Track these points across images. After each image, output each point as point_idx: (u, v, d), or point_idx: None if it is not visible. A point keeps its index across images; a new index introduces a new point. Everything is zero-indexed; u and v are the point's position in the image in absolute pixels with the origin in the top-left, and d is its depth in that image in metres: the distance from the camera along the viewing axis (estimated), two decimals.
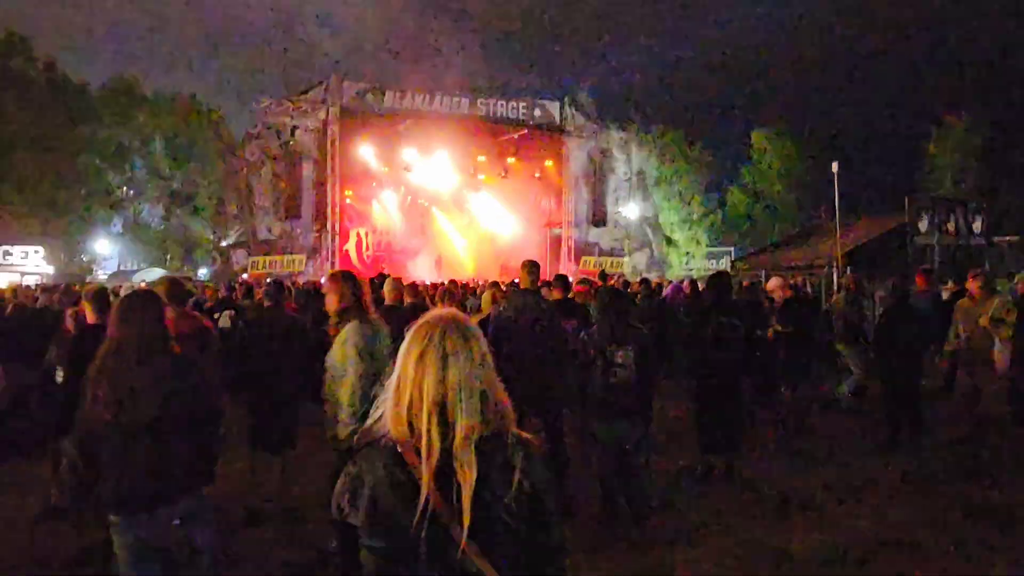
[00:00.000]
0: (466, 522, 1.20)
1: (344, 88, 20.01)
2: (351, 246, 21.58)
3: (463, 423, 1.24)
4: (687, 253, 28.45)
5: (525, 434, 1.37)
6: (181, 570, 2.66)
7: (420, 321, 1.35)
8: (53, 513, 4.48)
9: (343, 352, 3.30)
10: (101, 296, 4.05)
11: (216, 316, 8.26)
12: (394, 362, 1.35)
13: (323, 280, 8.01)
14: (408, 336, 1.34)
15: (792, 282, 8.34)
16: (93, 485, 2.63)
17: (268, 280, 10.52)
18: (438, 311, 1.41)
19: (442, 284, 11.44)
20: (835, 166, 18.05)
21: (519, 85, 24.05)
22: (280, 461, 4.78)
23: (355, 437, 1.45)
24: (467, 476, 1.22)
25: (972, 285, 6.21)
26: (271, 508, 4.68)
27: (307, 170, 20.06)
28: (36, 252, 20.62)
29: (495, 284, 9.18)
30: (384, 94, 20.42)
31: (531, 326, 4.83)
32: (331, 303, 3.93)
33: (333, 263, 19.43)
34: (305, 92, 20.08)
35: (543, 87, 22.99)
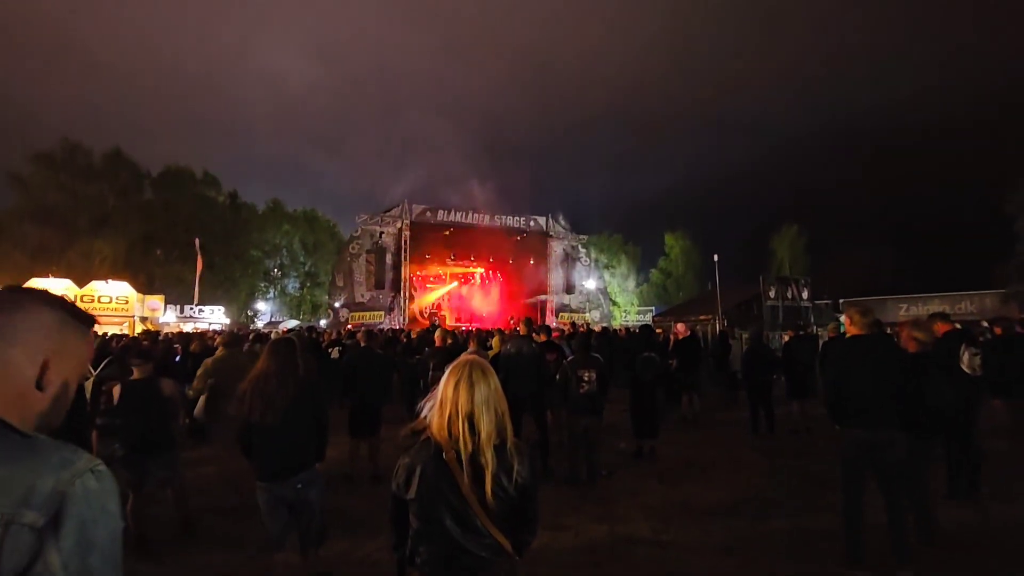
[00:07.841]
0: (489, 492, 1.53)
1: (412, 208, 25.44)
2: (415, 307, 26.72)
3: (485, 429, 1.58)
4: (625, 311, 36.71)
5: (519, 442, 1.67)
6: (299, 514, 3.15)
7: (455, 363, 1.68)
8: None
9: None
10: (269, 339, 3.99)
11: (329, 350, 9.45)
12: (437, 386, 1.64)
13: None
14: (447, 371, 1.66)
15: (690, 326, 9.46)
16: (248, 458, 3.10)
17: (363, 328, 10.95)
18: (467, 356, 1.72)
19: (472, 331, 12.84)
20: (716, 256, 25.41)
21: (521, 205, 30.98)
22: (367, 444, 5.51)
23: (402, 433, 1.70)
24: (490, 465, 1.54)
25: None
26: (361, 474, 5.36)
27: (388, 259, 25.14)
28: (219, 309, 26.42)
29: (500, 331, 10.22)
30: (437, 212, 25.95)
31: (526, 359, 5.44)
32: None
33: (403, 318, 24.52)
34: (388, 211, 25.51)
35: (536, 204, 30.94)
